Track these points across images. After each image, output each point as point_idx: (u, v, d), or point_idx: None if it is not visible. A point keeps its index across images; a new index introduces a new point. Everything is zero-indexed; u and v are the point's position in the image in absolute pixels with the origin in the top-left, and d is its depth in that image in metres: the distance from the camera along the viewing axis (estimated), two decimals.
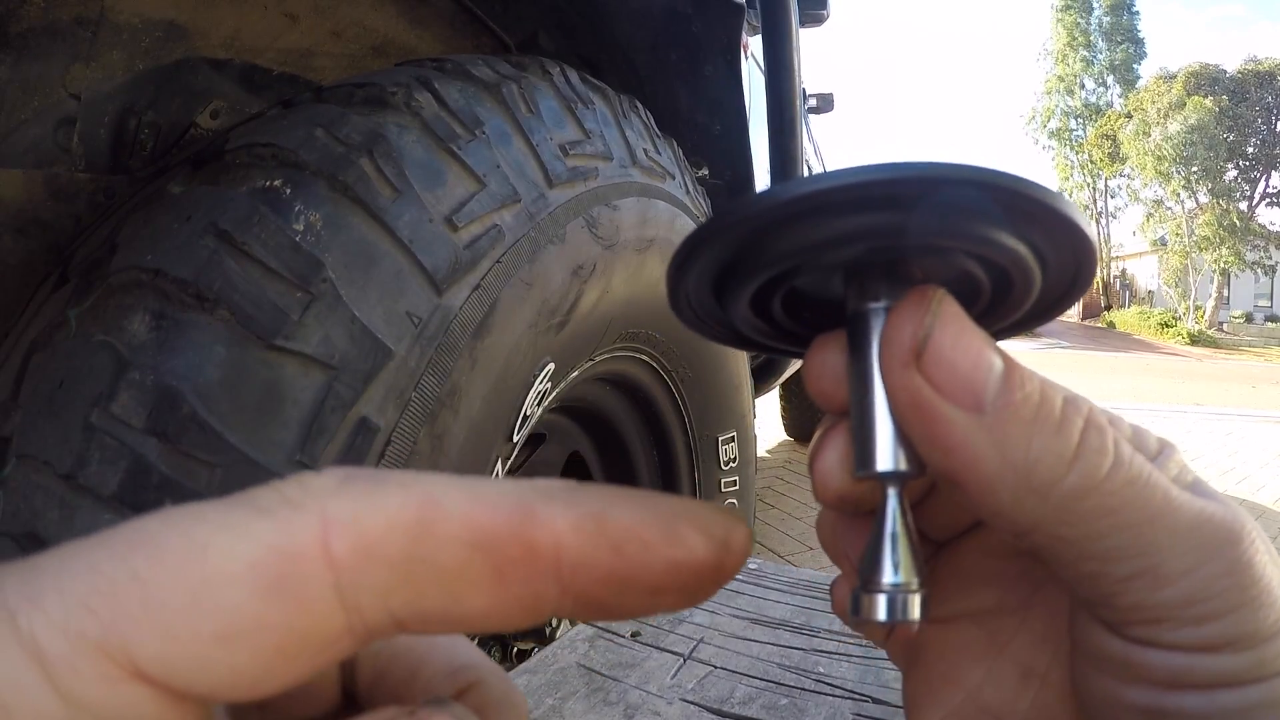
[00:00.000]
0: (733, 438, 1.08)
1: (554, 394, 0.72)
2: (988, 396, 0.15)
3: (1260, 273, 18.87)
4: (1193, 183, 17.06)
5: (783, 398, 3.37)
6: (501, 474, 0.64)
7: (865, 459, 0.17)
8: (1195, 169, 16.69)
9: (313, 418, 0.47)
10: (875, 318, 0.16)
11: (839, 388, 0.17)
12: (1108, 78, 21.51)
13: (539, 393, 0.67)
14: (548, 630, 0.90)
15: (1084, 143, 21.11)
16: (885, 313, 0.16)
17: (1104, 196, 21.62)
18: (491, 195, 0.59)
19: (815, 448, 0.18)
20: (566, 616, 0.12)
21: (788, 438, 3.57)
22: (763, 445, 3.27)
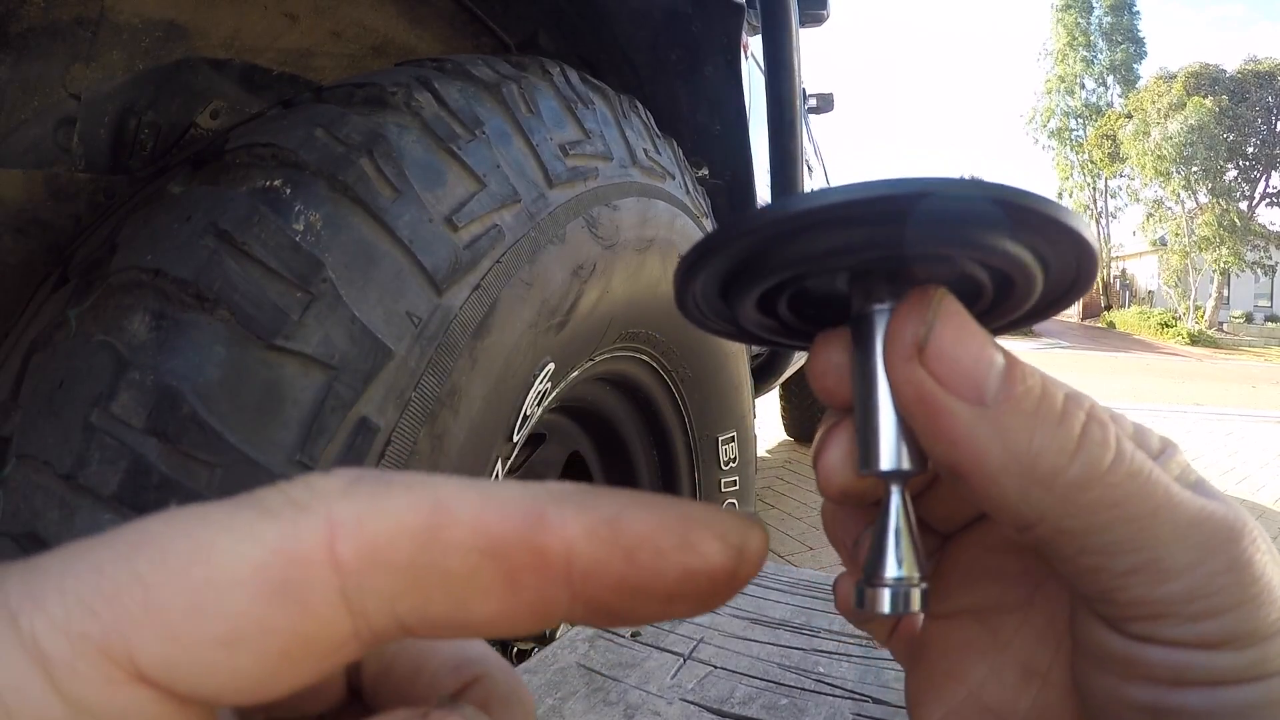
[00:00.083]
0: (733, 438, 1.08)
1: (554, 394, 0.72)
2: (989, 389, 0.15)
3: (1260, 273, 18.87)
4: (1193, 183, 17.05)
5: (783, 398, 3.36)
6: (502, 474, 0.64)
7: (869, 458, 0.17)
8: (1195, 169, 16.68)
9: (313, 418, 0.47)
10: (879, 318, 0.17)
11: (842, 384, 0.18)
12: (1108, 78, 21.50)
13: (539, 393, 0.67)
14: (548, 630, 0.90)
15: (1084, 143, 21.11)
16: (889, 313, 0.16)
17: (1104, 196, 21.62)
18: (491, 195, 0.59)
19: (819, 445, 0.18)
20: (577, 623, 0.11)
21: (788, 438, 3.57)
22: (763, 445, 3.27)
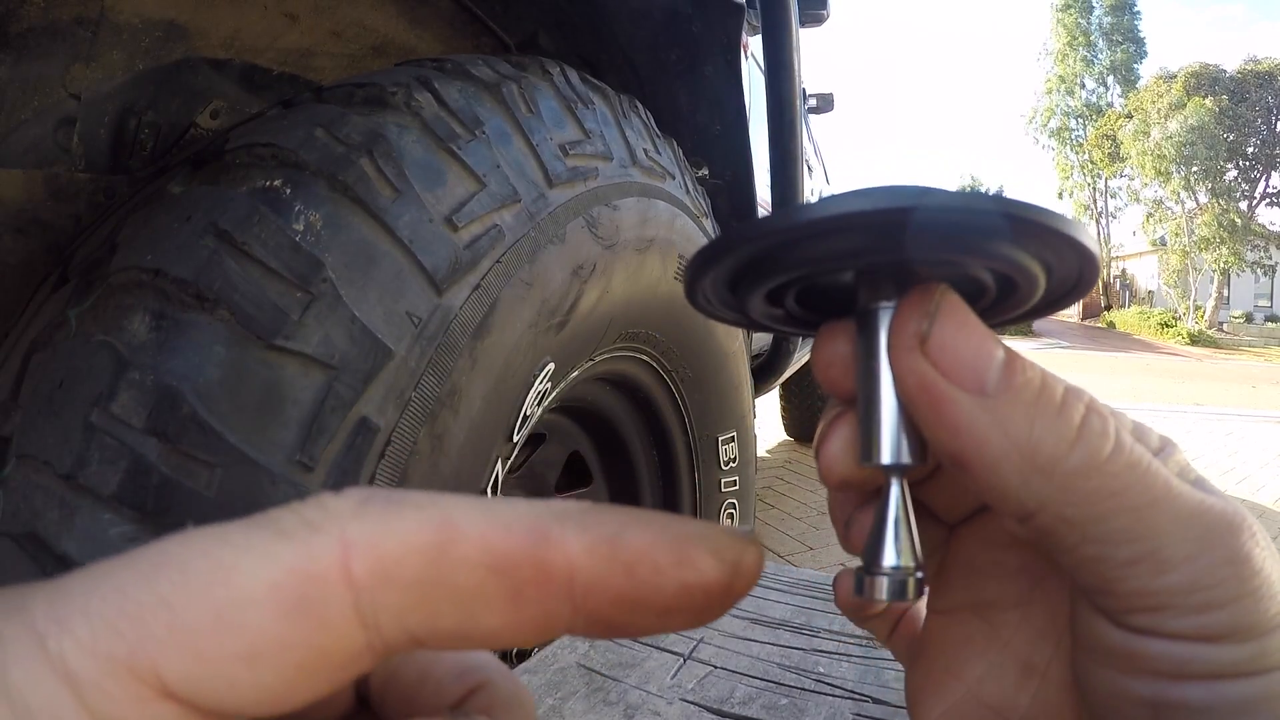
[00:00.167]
0: (733, 438, 1.08)
1: (554, 394, 0.72)
2: (990, 380, 0.16)
3: (1260, 273, 18.88)
4: (1193, 183, 17.05)
5: (783, 398, 3.36)
6: (502, 474, 0.64)
7: (870, 451, 0.17)
8: (1195, 169, 16.68)
9: (313, 418, 0.47)
10: (884, 314, 0.17)
11: (846, 375, 0.18)
12: (1108, 78, 21.51)
13: (539, 393, 0.67)
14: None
15: (1084, 143, 21.11)
16: (894, 309, 0.17)
17: (1104, 196, 21.62)
18: (491, 195, 0.59)
19: (821, 436, 0.19)
20: (579, 634, 0.12)
21: (788, 438, 3.57)
22: (763, 445, 3.27)
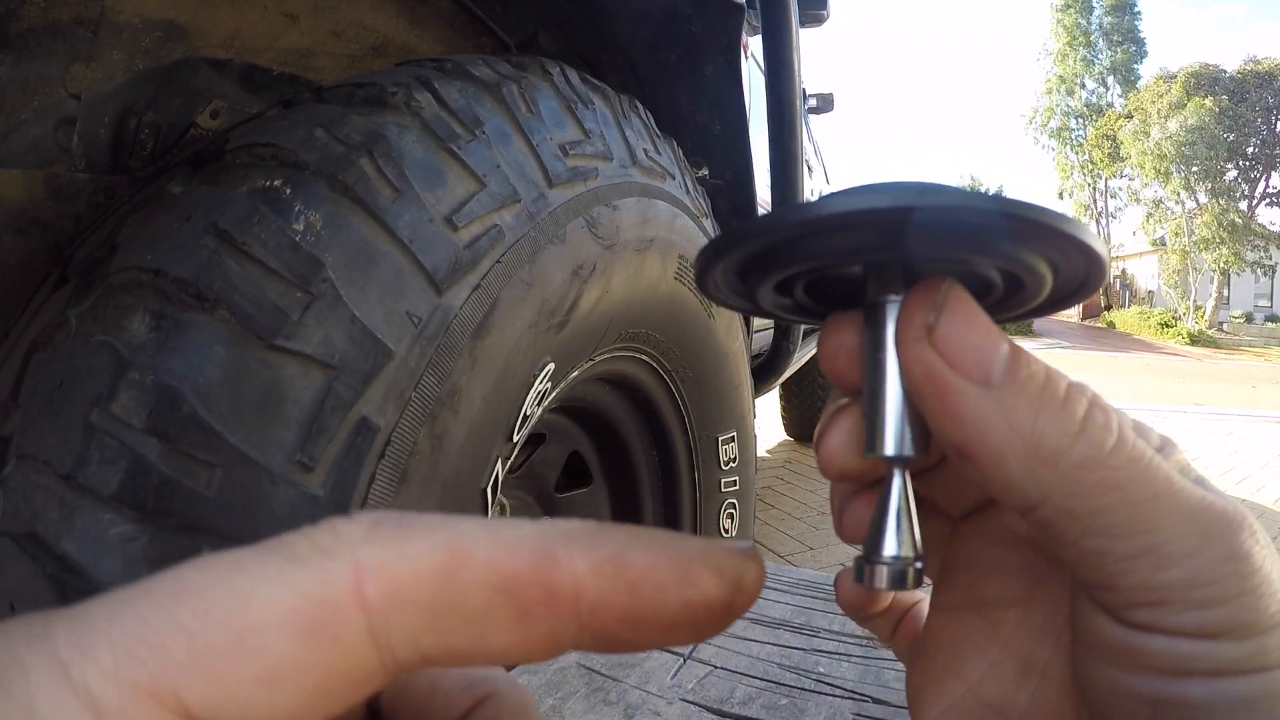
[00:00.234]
0: (733, 438, 1.08)
1: (554, 394, 0.72)
2: (995, 371, 0.16)
3: (1260, 273, 18.88)
4: (1193, 183, 17.05)
5: (783, 398, 3.36)
6: (501, 474, 0.64)
7: (874, 442, 0.18)
8: (1195, 169, 16.68)
9: (313, 418, 0.47)
10: (891, 307, 0.17)
11: (852, 366, 0.18)
12: (1108, 78, 21.51)
13: (539, 393, 0.67)
14: None
15: (1084, 143, 21.11)
16: (901, 303, 0.17)
17: (1104, 196, 21.62)
18: (491, 195, 0.59)
19: (823, 427, 0.19)
20: (585, 649, 0.12)
21: (788, 438, 3.57)
22: (763, 445, 3.27)
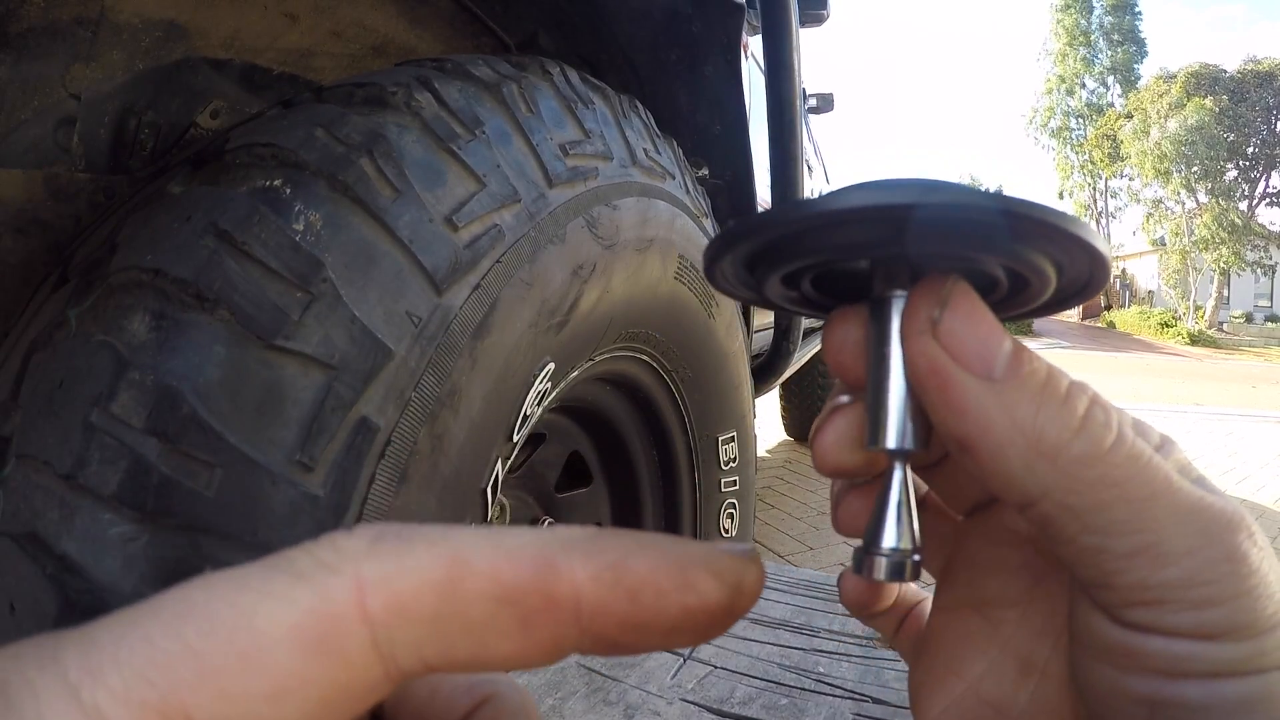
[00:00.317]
0: (733, 438, 1.08)
1: (554, 394, 0.72)
2: (998, 366, 0.16)
3: (1260, 273, 18.87)
4: (1193, 183, 17.05)
5: (783, 398, 3.36)
6: (502, 474, 0.64)
7: (876, 435, 0.18)
8: (1195, 169, 16.68)
9: (313, 418, 0.47)
10: (897, 302, 0.17)
11: (856, 360, 0.18)
12: (1108, 78, 21.51)
13: (539, 393, 0.67)
14: None
15: (1084, 143, 21.11)
16: (907, 298, 0.17)
17: (1104, 196, 21.62)
18: (491, 195, 0.59)
19: (820, 423, 0.19)
20: (587, 654, 0.12)
21: (788, 438, 3.57)
22: (763, 445, 3.27)
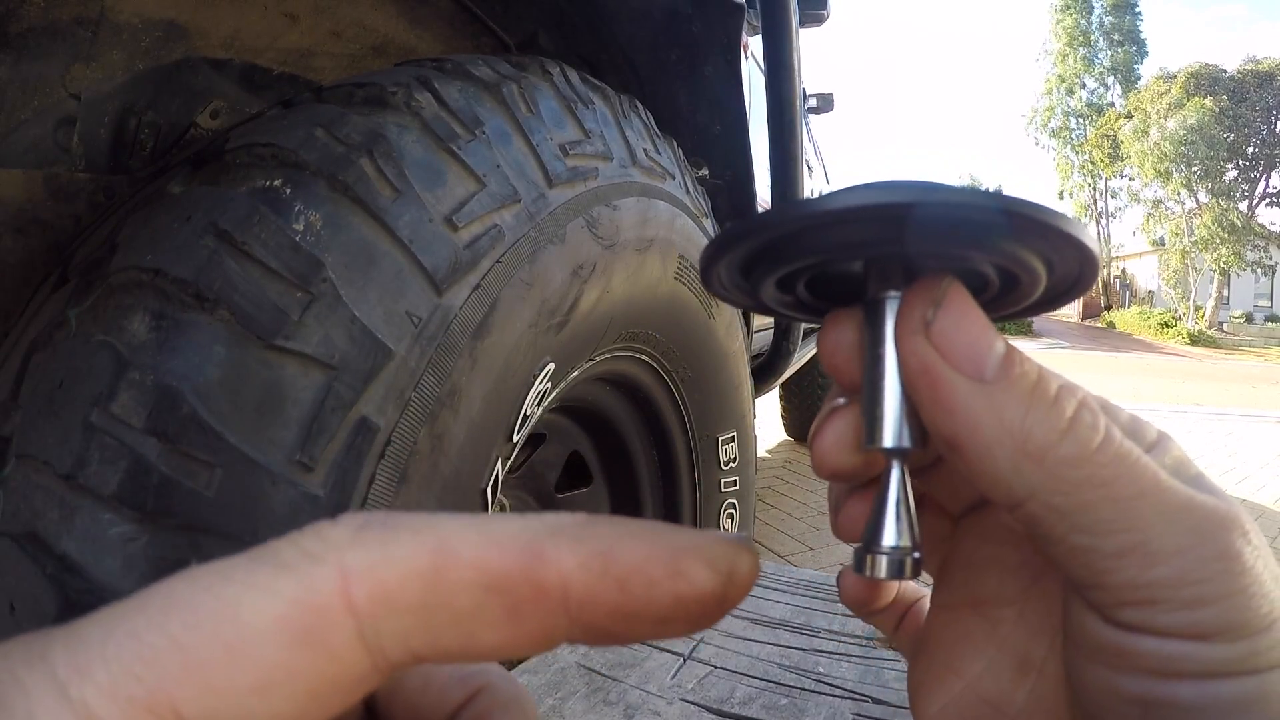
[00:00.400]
0: (733, 438, 1.08)
1: (554, 394, 0.72)
2: (989, 367, 0.16)
3: (1260, 273, 18.87)
4: (1193, 183, 17.04)
5: (783, 398, 3.36)
6: (501, 474, 0.64)
7: (873, 434, 0.18)
8: (1195, 169, 16.68)
9: (313, 418, 0.47)
10: (890, 303, 0.18)
11: (851, 361, 0.19)
12: (1108, 78, 21.51)
13: (539, 393, 0.67)
14: None
15: (1084, 143, 21.10)
16: (901, 299, 0.17)
17: (1104, 196, 21.62)
18: (491, 195, 0.59)
19: (818, 426, 0.19)
20: (578, 643, 0.12)
21: (788, 438, 3.57)
22: (763, 445, 3.27)
